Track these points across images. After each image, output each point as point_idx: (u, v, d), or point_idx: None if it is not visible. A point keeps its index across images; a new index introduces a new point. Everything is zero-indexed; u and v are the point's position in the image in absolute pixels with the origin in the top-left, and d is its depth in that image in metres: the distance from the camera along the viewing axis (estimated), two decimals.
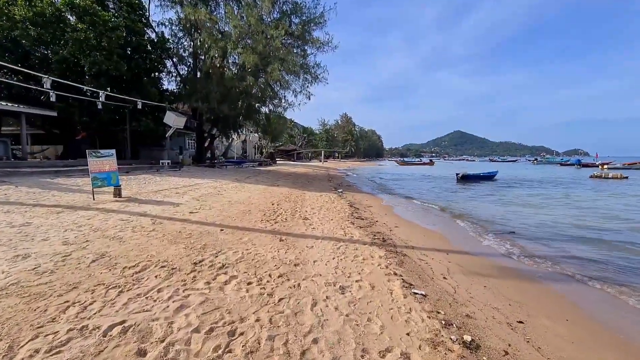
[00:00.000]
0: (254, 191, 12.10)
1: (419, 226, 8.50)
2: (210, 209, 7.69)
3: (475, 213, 10.80)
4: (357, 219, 8.45)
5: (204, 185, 12.26)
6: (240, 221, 6.71)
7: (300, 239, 5.76)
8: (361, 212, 9.81)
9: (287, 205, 9.44)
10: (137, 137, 20.02)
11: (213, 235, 5.42)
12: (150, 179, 12.75)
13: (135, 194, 8.83)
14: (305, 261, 4.49)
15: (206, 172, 18.09)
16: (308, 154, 74.75)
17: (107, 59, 15.38)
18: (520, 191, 18.10)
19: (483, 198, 15.04)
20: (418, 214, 10.53)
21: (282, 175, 22.26)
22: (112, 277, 3.42)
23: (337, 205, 10.39)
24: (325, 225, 7.07)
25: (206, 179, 14.69)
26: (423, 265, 4.97)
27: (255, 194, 11.24)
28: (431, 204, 13.14)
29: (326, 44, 21.72)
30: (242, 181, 15.25)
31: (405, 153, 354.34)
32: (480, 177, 26.66)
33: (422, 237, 7.13)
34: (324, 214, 8.60)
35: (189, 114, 25.82)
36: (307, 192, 13.78)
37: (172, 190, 10.04)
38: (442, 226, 8.74)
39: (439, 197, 15.36)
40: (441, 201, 14.03)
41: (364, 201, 12.82)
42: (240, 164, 28.08)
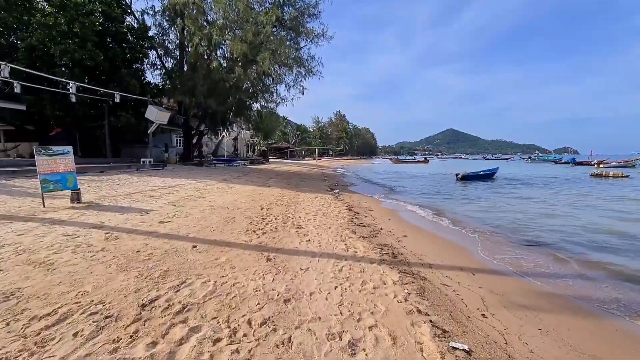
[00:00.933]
0: (242, 193, 10.92)
1: (429, 234, 7.44)
2: (186, 216, 6.51)
3: (489, 217, 9.79)
4: (358, 226, 7.35)
5: (186, 186, 11.03)
6: (221, 232, 5.55)
7: (292, 256, 4.64)
8: (362, 217, 8.72)
9: (278, 210, 8.29)
10: (118, 134, 18.58)
11: (182, 254, 4.26)
12: (126, 179, 11.46)
13: (100, 198, 7.58)
14: (299, 294, 3.37)
15: (192, 172, 16.80)
16: (301, 152, 73.52)
17: (80, 47, 13.96)
18: (528, 191, 17.23)
19: (491, 199, 14.09)
20: (425, 219, 9.47)
21: (274, 175, 21.06)
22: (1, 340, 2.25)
23: (335, 209, 9.28)
24: (322, 236, 5.95)
25: (190, 179, 13.44)
26: (450, 293, 3.89)
27: (242, 197, 10.06)
28: (436, 206, 12.13)
29: (321, 35, 20.56)
30: (229, 181, 14.03)
31: (398, 151, 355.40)
32: (481, 176, 25.85)
33: (437, 249, 6.07)
34: (321, 220, 7.48)
35: (175, 109, 24.42)
36: (300, 193, 12.65)
37: (146, 193, 8.80)
38: (456, 234, 7.69)
39: (443, 198, 14.37)
40: (446, 202, 13.04)
41: (363, 203, 11.74)
42: (230, 163, 26.77)
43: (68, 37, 13.72)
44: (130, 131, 17.73)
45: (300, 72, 22.27)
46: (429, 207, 11.61)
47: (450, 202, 13.08)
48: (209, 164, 23.11)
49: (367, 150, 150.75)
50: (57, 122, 16.60)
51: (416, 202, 13.11)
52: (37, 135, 18.42)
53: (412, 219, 9.26)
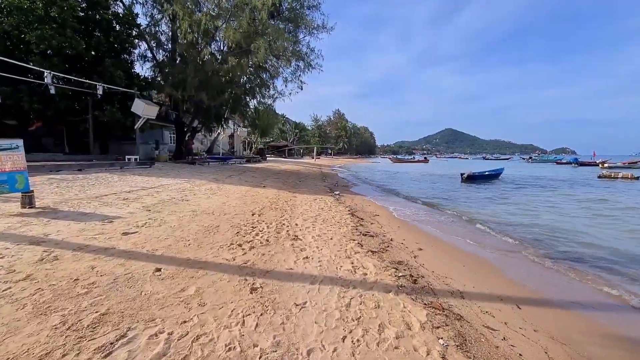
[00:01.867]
0: (233, 194, 9.83)
1: (447, 246, 6.39)
2: (160, 225, 5.42)
3: (510, 225, 8.75)
4: (364, 235, 6.29)
5: (170, 186, 9.93)
6: (198, 247, 4.47)
7: (285, 283, 3.58)
8: (367, 223, 7.67)
9: (272, 216, 7.22)
10: (105, 129, 17.44)
11: (136, 283, 3.18)
12: (105, 178, 10.35)
13: (62, 201, 6.48)
14: (291, 352, 2.31)
15: (182, 170, 15.68)
16: (300, 150, 72.43)
17: (58, 33, 12.78)
18: (541, 193, 16.23)
19: (504, 203, 13.07)
20: (440, 226, 8.42)
21: (270, 174, 19.98)
22: None
23: (336, 214, 8.22)
24: (323, 251, 4.89)
25: (178, 178, 12.33)
26: (501, 344, 2.84)
27: (233, 199, 8.97)
28: (446, 209, 11.09)
29: (321, 27, 19.46)
30: (221, 181, 12.94)
31: (397, 150, 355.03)
32: (487, 177, 24.86)
33: (462, 267, 5.02)
34: (321, 228, 6.42)
35: (166, 104, 23.27)
36: (298, 194, 11.58)
37: (122, 195, 7.70)
38: (482, 247, 6.65)
39: (452, 201, 13.34)
40: (456, 205, 12.00)
41: (367, 207, 10.68)
42: (225, 161, 25.64)
43: (45, 22, 12.55)
44: (117, 127, 16.57)
45: (299, 66, 21.19)
46: (439, 212, 10.56)
47: (461, 205, 12.05)
48: (202, 162, 21.97)
49: (365, 149, 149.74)
50: (36, 116, 15.42)
51: (424, 205, 12.07)
52: (17, 130, 17.25)
53: (424, 226, 8.21)
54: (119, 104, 16.24)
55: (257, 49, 13.73)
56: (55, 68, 13.35)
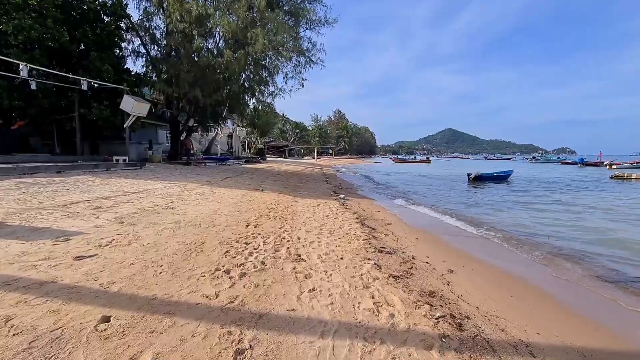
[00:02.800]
0: (227, 200, 8.78)
1: (482, 265, 5.33)
2: (129, 243, 4.37)
3: (545, 235, 7.70)
4: (379, 252, 5.25)
5: (156, 191, 8.88)
6: (172, 277, 3.42)
7: (286, 336, 2.53)
8: (380, 234, 6.63)
9: (271, 227, 6.17)
10: (93, 128, 16.39)
11: (63, 349, 2.13)
12: (85, 182, 9.31)
13: (18, 212, 5.42)
14: None
15: (175, 172, 14.64)
16: (300, 150, 71.44)
17: (38, 23, 11.74)
18: (560, 196, 15.18)
19: (522, 207, 12.01)
20: (462, 237, 7.36)
21: (270, 175, 18.94)
22: None
23: (344, 223, 7.18)
24: (334, 278, 3.85)
25: (168, 181, 11.29)
26: None
27: (226, 205, 7.93)
28: (463, 214, 10.04)
29: (323, 20, 18.42)
30: (216, 184, 11.89)
31: (397, 150, 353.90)
32: (495, 178, 23.83)
33: (511, 299, 3.97)
34: (328, 243, 5.38)
35: (160, 101, 22.24)
36: (299, 199, 10.54)
37: (94, 202, 6.64)
38: (518, 262, 5.59)
39: (466, 205, 12.28)
40: (472, 210, 10.95)
41: (376, 213, 9.63)
42: (223, 161, 24.61)
43: (22, 9, 11.51)
44: (106, 125, 15.52)
45: (299, 62, 20.15)
46: (456, 218, 9.51)
47: (478, 210, 10.99)
48: (199, 163, 20.94)
49: (366, 149, 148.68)
50: (19, 114, 14.37)
51: (437, 209, 11.02)
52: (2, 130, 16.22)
53: (445, 238, 7.15)
54: (107, 101, 15.20)
55: (255, 39, 12.65)
56: (37, 62, 12.32)
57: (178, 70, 14.51)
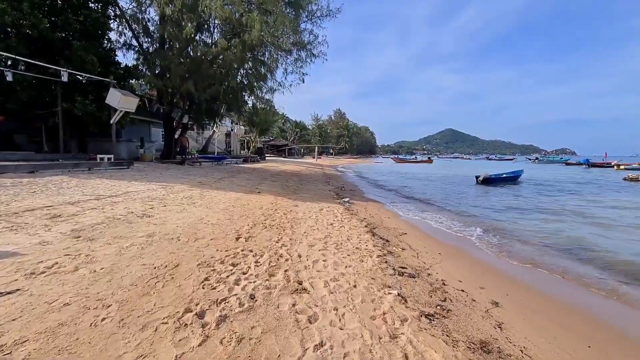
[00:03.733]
0: (218, 204, 7.72)
1: (533, 294, 4.26)
2: (76, 268, 3.31)
3: (589, 247, 6.65)
4: (401, 275, 4.21)
5: (137, 194, 7.82)
6: (117, 328, 2.37)
7: None
8: (396, 249, 5.58)
9: (266, 239, 5.12)
10: (79, 125, 15.32)
11: None
12: (58, 184, 8.25)
13: None
14: None
15: (166, 172, 13.58)
16: (300, 150, 70.40)
17: (12, 7, 10.67)
18: (583, 202, 14.14)
19: (548, 212, 10.96)
20: (494, 255, 6.30)
21: (268, 175, 17.88)
22: None
23: (351, 233, 6.14)
24: (348, 321, 2.81)
25: (154, 182, 10.23)
26: None
27: (216, 211, 6.87)
28: (480, 219, 8.98)
29: (326, 12, 17.37)
30: (208, 185, 10.83)
31: (397, 150, 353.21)
32: (504, 179, 22.80)
33: (593, 353, 2.92)
34: (336, 263, 4.34)
35: (153, 97, 21.18)
36: (300, 203, 9.49)
37: (56, 209, 5.58)
38: (577, 290, 4.54)
39: (480, 208, 11.23)
40: (488, 214, 9.90)
41: (386, 219, 8.58)
42: (219, 161, 23.53)
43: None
44: (93, 121, 14.44)
45: (300, 56, 19.10)
46: (473, 224, 8.45)
47: (497, 215, 9.93)
48: (193, 162, 19.86)
49: (366, 149, 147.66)
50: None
51: (453, 214, 9.96)
52: None
53: (470, 251, 6.10)
54: (93, 95, 14.12)
55: (251, 23, 11.55)
56: (13, 50, 11.25)
57: (169, 63, 13.45)
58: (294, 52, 19.02)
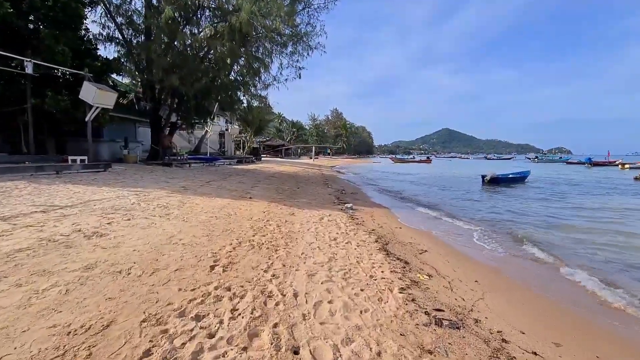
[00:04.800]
0: (198, 215, 6.42)
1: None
2: None
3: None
4: (437, 324, 2.95)
5: (100, 204, 6.52)
6: None
7: None
8: (421, 277, 4.34)
9: (251, 267, 3.84)
10: (52, 123, 13.95)
11: None
12: (10, 189, 6.93)
13: None
14: None
15: (147, 175, 12.26)
16: (297, 150, 69.10)
17: None
18: (613, 207, 13.01)
19: (578, 218, 9.79)
20: (549, 280, 5.07)
21: (263, 177, 16.59)
22: None
23: (362, 253, 4.90)
24: None
25: (129, 187, 8.91)
26: None
27: (193, 225, 5.57)
28: (511, 229, 7.76)
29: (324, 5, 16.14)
30: (192, 190, 9.52)
31: (394, 150, 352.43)
32: (512, 180, 21.68)
33: None
34: (346, 306, 3.08)
35: (139, 94, 19.84)
36: (297, 209, 8.22)
37: None
38: None
39: (501, 214, 10.01)
40: (516, 223, 8.67)
41: (398, 230, 7.34)
42: (211, 162, 22.18)
43: None
44: (67, 119, 13.09)
45: (296, 50, 17.87)
46: (505, 234, 7.23)
47: (522, 219, 8.71)
48: (182, 164, 18.51)
49: (364, 149, 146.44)
50: None
51: (473, 222, 8.73)
52: None
53: (519, 275, 4.86)
54: (67, 90, 12.75)
55: (240, 3, 10.24)
56: None
57: (151, 54, 12.14)
58: (290, 45, 17.81)
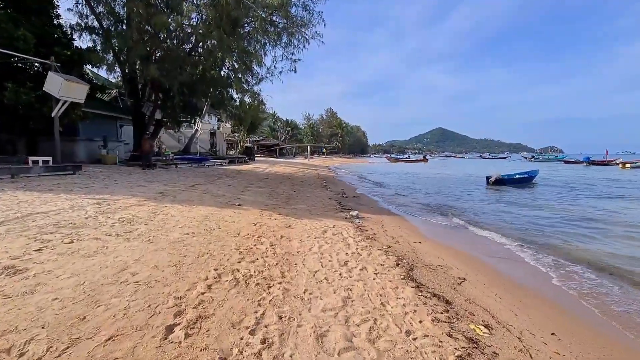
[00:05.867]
0: (170, 232, 5.04)
1: None
2: None
3: None
4: None
5: (46, 218, 5.12)
6: None
7: None
8: (475, 328, 3.03)
9: (229, 324, 2.49)
10: (16, 120, 12.40)
11: None
12: None
13: None
14: None
15: (123, 179, 10.81)
16: (292, 149, 67.65)
17: None
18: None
19: (616, 227, 8.63)
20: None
21: (256, 179, 15.20)
22: None
23: (384, 285, 3.60)
24: None
25: (95, 194, 7.49)
26: None
27: (160, 248, 4.20)
28: (561, 245, 6.52)
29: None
30: (171, 196, 8.12)
31: (388, 149, 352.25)
32: (518, 180, 20.61)
33: None
34: None
35: (120, 89, 18.33)
36: (294, 220, 6.89)
37: None
38: None
39: (527, 221, 8.80)
40: (568, 235, 7.45)
41: (418, 245, 6.05)
42: (200, 162, 20.71)
43: None
44: (33, 115, 11.57)
45: (291, 41, 16.54)
46: (559, 254, 5.99)
47: (568, 233, 7.49)
48: (168, 165, 17.03)
49: (358, 148, 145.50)
50: None
51: (502, 232, 7.50)
52: None
53: (592, 320, 3.61)
54: (32, 83, 11.23)
55: None
56: None
57: (127, 41, 10.69)
58: (284, 37, 16.47)
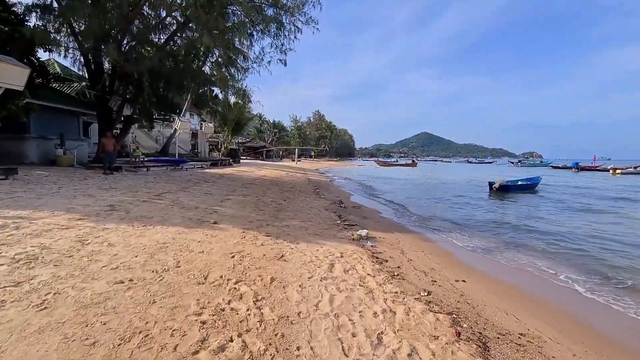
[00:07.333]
0: (95, 278, 3.10)
1: None
2: None
3: None
4: None
5: None
6: None
7: None
8: None
9: None
10: None
11: None
12: None
13: None
14: None
15: (72, 185, 8.67)
16: (279, 152, 65.50)
17: None
18: None
19: None
20: None
21: (239, 185, 13.21)
22: None
23: None
24: None
25: (13, 208, 5.40)
26: None
27: (60, 317, 2.27)
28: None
29: None
30: (123, 210, 6.10)
31: (375, 153, 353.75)
32: (522, 187, 19.49)
33: None
34: None
35: (84, 81, 16.04)
36: (288, 244, 5.03)
37: None
38: None
39: (580, 241, 7.27)
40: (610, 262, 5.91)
41: (464, 287, 4.30)
42: (177, 165, 18.51)
43: None
44: None
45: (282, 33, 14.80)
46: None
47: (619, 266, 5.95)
48: (137, 168, 14.79)
49: (345, 151, 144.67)
50: None
51: (569, 266, 5.87)
52: None
53: None
54: None
55: None
56: None
57: (80, 14, 8.62)
58: (273, 27, 14.70)
